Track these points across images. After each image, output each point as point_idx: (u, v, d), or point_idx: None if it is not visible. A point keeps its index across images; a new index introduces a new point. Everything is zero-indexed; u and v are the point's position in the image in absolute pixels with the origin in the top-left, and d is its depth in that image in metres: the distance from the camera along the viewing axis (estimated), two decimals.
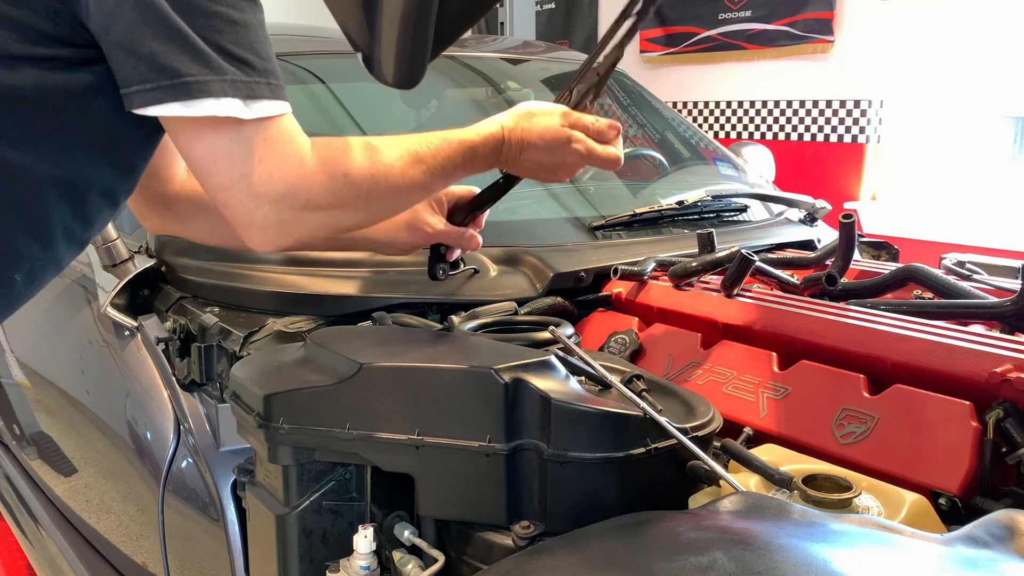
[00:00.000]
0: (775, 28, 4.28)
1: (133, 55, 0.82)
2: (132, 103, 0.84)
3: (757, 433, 1.01)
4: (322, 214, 0.94)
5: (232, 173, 0.87)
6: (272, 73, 0.88)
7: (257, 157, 0.87)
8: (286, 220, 0.91)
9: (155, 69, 0.82)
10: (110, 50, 0.83)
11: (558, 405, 0.85)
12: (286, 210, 0.90)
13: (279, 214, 0.90)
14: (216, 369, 1.31)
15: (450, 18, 1.00)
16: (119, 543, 1.64)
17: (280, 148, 0.89)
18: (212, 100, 0.83)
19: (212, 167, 0.88)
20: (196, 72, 0.82)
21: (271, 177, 0.88)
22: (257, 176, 0.88)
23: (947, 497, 0.85)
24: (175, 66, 0.82)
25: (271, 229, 0.91)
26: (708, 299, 1.29)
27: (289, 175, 0.90)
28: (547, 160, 1.15)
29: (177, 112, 0.83)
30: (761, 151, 2.54)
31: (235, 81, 0.84)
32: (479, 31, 5.56)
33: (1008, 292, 1.25)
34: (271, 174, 0.88)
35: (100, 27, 0.83)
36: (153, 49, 0.81)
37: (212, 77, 0.83)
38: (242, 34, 0.86)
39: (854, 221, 1.28)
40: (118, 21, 0.81)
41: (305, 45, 2.00)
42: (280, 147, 0.89)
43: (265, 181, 0.88)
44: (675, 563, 0.59)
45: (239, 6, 0.86)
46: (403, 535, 0.96)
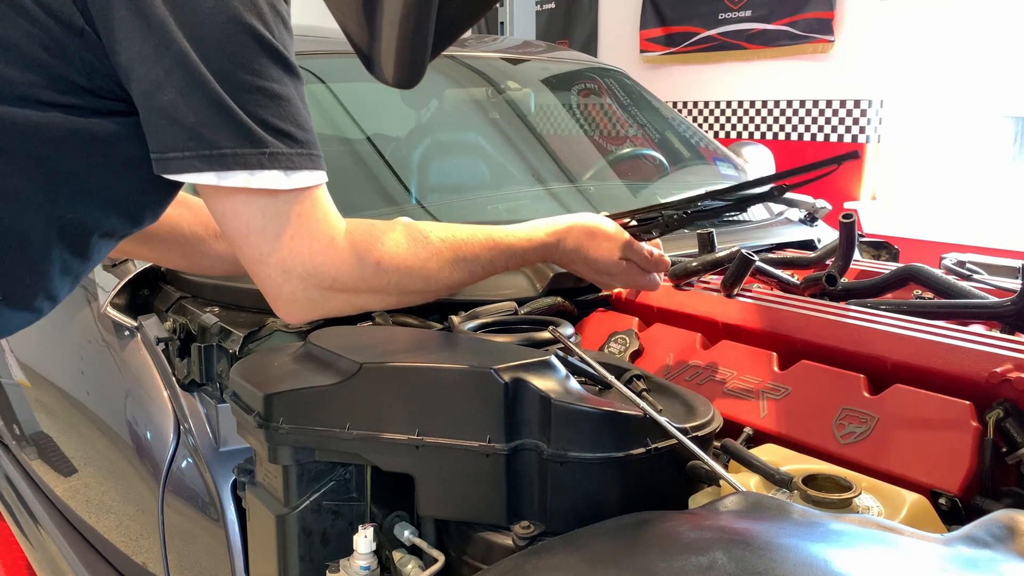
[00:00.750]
0: (775, 28, 4.29)
1: (175, 123, 0.83)
2: (167, 168, 0.86)
3: (757, 433, 1.01)
4: (349, 295, 0.95)
5: (263, 247, 0.89)
6: (313, 144, 0.90)
7: (289, 234, 0.89)
8: (312, 298, 0.93)
9: (195, 138, 0.83)
10: (151, 115, 0.85)
11: (558, 405, 0.85)
12: (312, 288, 0.92)
13: (305, 291, 0.92)
14: (216, 369, 1.31)
15: (450, 18, 1.00)
16: (119, 543, 1.64)
17: (312, 226, 0.91)
18: (246, 173, 0.85)
19: (244, 240, 0.90)
20: (235, 145, 0.84)
21: (300, 255, 0.90)
22: (287, 253, 0.90)
23: (947, 497, 0.85)
24: (215, 138, 0.84)
25: (297, 305, 0.93)
26: (708, 299, 1.29)
27: (317, 254, 0.91)
28: (590, 273, 1.23)
29: (211, 181, 0.85)
30: (761, 151, 2.54)
31: (275, 153, 0.86)
32: (479, 31, 5.56)
33: (1008, 292, 1.25)
34: (300, 252, 0.90)
35: (143, 92, 0.84)
36: (196, 120, 0.83)
37: (250, 150, 0.85)
38: (285, 108, 0.88)
39: (854, 221, 1.28)
40: (165, 90, 0.83)
41: (305, 45, 2.00)
42: (312, 224, 0.91)
43: (294, 258, 0.90)
44: (675, 563, 0.59)
45: (282, 80, 0.88)
46: (403, 535, 0.96)
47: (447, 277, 1.05)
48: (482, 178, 2.01)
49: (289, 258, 0.90)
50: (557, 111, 2.38)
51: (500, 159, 2.08)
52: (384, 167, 1.88)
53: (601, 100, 2.45)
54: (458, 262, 1.06)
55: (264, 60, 0.87)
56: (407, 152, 2.07)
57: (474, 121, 2.21)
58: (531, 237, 1.15)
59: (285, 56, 0.89)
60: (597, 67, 2.54)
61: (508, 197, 1.89)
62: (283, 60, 0.88)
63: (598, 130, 2.39)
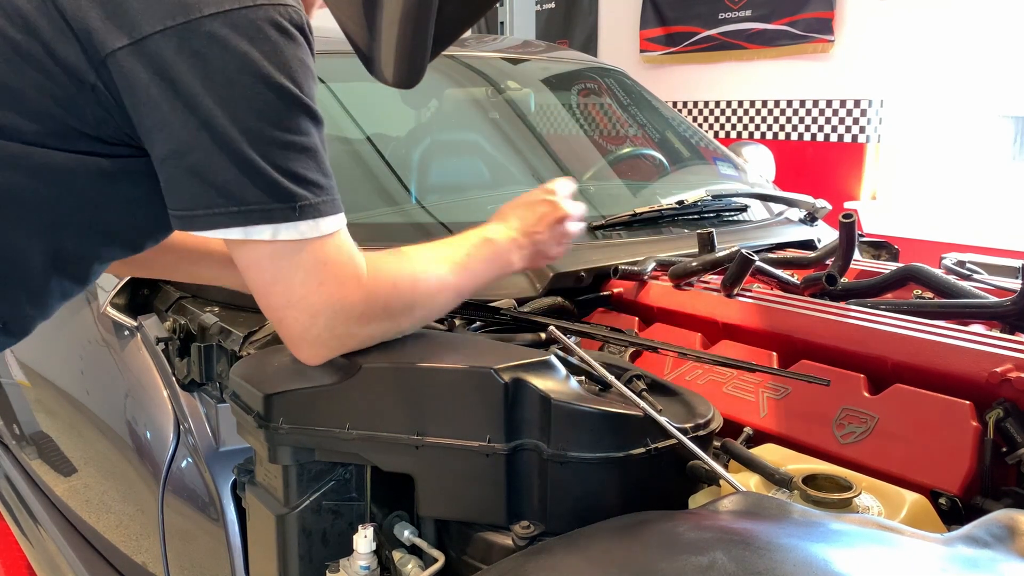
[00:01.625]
0: (775, 28, 4.29)
1: (203, 183, 0.84)
2: (193, 225, 0.87)
3: (757, 433, 1.01)
4: (373, 326, 0.96)
5: (291, 295, 0.90)
6: (334, 188, 0.91)
7: (317, 280, 0.90)
8: (340, 335, 0.93)
9: (223, 196, 0.84)
10: (176, 174, 0.86)
11: (558, 405, 0.85)
12: (340, 325, 0.92)
13: (333, 330, 0.92)
14: (216, 369, 1.31)
15: (450, 18, 1.00)
16: (119, 543, 1.64)
17: (338, 270, 0.91)
18: (273, 227, 0.86)
19: (270, 288, 0.91)
20: (263, 201, 0.85)
21: (329, 298, 0.91)
22: (316, 299, 0.90)
23: (947, 497, 0.85)
24: (243, 195, 0.84)
25: (324, 345, 0.93)
26: (708, 299, 1.29)
27: (348, 295, 0.92)
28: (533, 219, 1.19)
29: (238, 236, 0.86)
30: (761, 151, 2.54)
31: (303, 206, 0.87)
32: (479, 31, 5.56)
33: (1008, 292, 1.25)
34: (330, 295, 0.91)
35: (169, 152, 0.85)
36: (225, 179, 0.84)
37: (278, 205, 0.86)
38: (312, 158, 0.89)
39: (854, 221, 1.28)
40: (193, 151, 0.84)
41: None
42: (338, 268, 0.92)
43: (323, 302, 0.91)
44: (675, 563, 0.59)
45: (309, 132, 0.89)
46: (403, 535, 0.96)
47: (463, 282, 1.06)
48: (482, 178, 2.01)
49: (318, 303, 0.91)
50: (557, 111, 2.38)
51: (500, 159, 2.08)
52: (384, 167, 1.88)
53: (601, 100, 2.45)
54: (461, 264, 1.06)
55: (292, 115, 0.87)
56: (407, 152, 2.06)
57: (474, 121, 2.21)
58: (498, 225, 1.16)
59: (312, 108, 0.89)
60: (597, 67, 2.54)
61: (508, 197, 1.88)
62: (310, 112, 0.89)
63: (598, 130, 2.39)
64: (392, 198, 1.79)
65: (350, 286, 0.92)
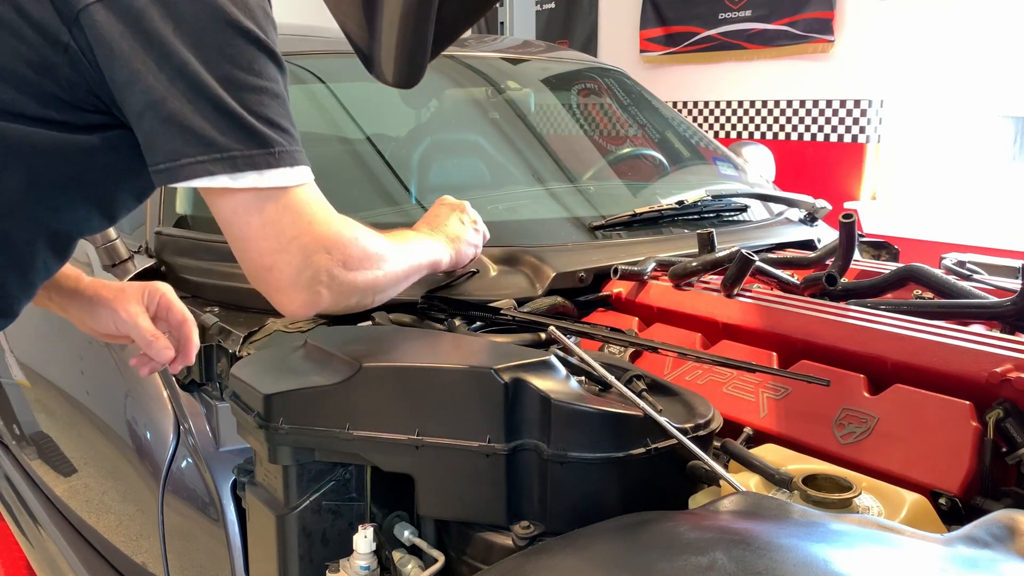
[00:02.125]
0: (775, 28, 4.29)
1: (184, 131, 0.85)
2: (178, 175, 0.86)
3: (757, 433, 1.01)
4: (358, 273, 1.00)
5: (282, 237, 0.92)
6: (299, 141, 0.93)
7: (307, 220, 0.93)
8: (332, 279, 0.96)
9: (205, 143, 0.85)
10: (155, 126, 0.86)
11: (558, 405, 0.85)
12: (335, 266, 0.96)
13: (328, 271, 0.95)
14: (216, 369, 1.31)
15: (450, 18, 1.01)
16: (119, 543, 1.64)
17: (325, 212, 0.95)
18: (256, 173, 0.87)
19: (260, 234, 0.91)
20: (245, 147, 0.86)
21: (322, 237, 0.94)
22: (309, 239, 0.93)
23: (947, 497, 0.85)
24: (225, 141, 0.85)
25: (317, 290, 0.96)
26: (708, 299, 1.29)
27: (336, 235, 0.96)
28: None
29: (225, 184, 0.87)
30: (761, 151, 2.54)
31: (281, 152, 0.89)
32: (479, 31, 5.56)
33: (1008, 292, 1.25)
34: (322, 234, 0.94)
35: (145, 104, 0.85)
36: (205, 125, 0.85)
37: (259, 151, 0.87)
38: (283, 105, 0.90)
39: (854, 221, 1.28)
40: (169, 100, 0.84)
41: (305, 45, 2.00)
42: (325, 210, 0.96)
43: (317, 242, 0.94)
44: (675, 563, 0.59)
45: (277, 79, 0.90)
46: (403, 535, 0.96)
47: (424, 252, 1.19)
48: (482, 178, 2.01)
49: (311, 242, 0.93)
50: (557, 111, 2.38)
51: (500, 159, 2.08)
52: (384, 167, 1.88)
53: (601, 100, 2.45)
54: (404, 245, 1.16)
55: (262, 60, 0.88)
56: (407, 152, 2.06)
57: (474, 121, 2.21)
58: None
59: (276, 53, 0.90)
60: (597, 67, 2.54)
61: (508, 197, 1.88)
62: (276, 58, 0.90)
63: (598, 130, 2.39)
64: (392, 198, 1.79)
65: (337, 226, 0.96)
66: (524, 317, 1.24)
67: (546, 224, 1.68)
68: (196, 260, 1.47)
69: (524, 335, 1.21)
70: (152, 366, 1.17)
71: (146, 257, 1.54)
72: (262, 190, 0.89)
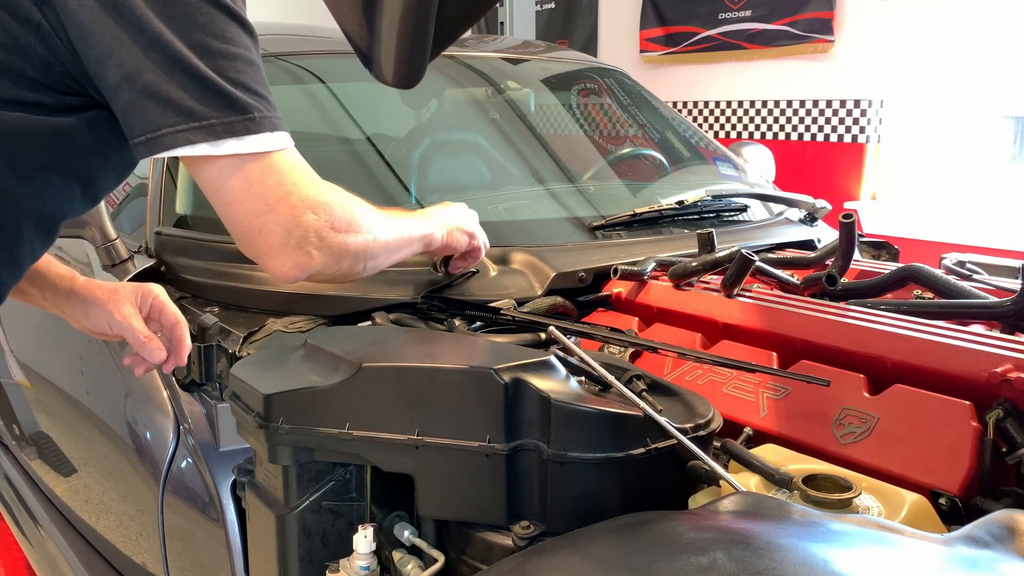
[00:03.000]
0: (775, 28, 4.28)
1: (161, 101, 0.85)
2: (158, 146, 0.87)
3: (757, 433, 1.01)
4: (345, 236, 1.00)
5: (269, 198, 0.92)
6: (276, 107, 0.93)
7: (292, 180, 0.93)
8: (321, 240, 0.96)
9: (183, 112, 0.85)
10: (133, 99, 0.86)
11: (558, 405, 0.85)
12: (323, 227, 0.96)
13: (317, 231, 0.95)
14: (216, 369, 1.31)
15: (450, 18, 1.01)
16: (119, 543, 1.64)
17: (307, 173, 0.96)
18: (236, 140, 0.87)
19: (246, 197, 0.91)
20: (223, 114, 0.86)
21: (308, 196, 0.94)
22: (296, 199, 0.93)
23: (947, 497, 0.85)
24: (203, 109, 0.86)
25: (306, 251, 0.95)
26: (708, 299, 1.29)
27: (321, 196, 0.96)
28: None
29: (206, 152, 0.87)
30: (761, 151, 2.54)
31: (259, 118, 0.89)
32: (479, 31, 5.56)
33: (1008, 292, 1.25)
34: (308, 194, 0.94)
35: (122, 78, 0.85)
36: (183, 94, 0.85)
37: (237, 117, 0.87)
38: (258, 72, 0.91)
39: (854, 221, 1.28)
40: (144, 71, 0.84)
41: (305, 45, 2.00)
42: (307, 172, 0.96)
43: (304, 202, 0.94)
44: (675, 563, 0.59)
45: (250, 47, 0.91)
46: (403, 535, 0.96)
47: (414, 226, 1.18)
48: (482, 178, 2.01)
49: (298, 202, 0.93)
50: (557, 111, 2.38)
51: (500, 159, 2.08)
52: (384, 167, 1.88)
53: (601, 100, 2.45)
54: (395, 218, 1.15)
55: (233, 27, 0.89)
56: (407, 152, 2.06)
57: (474, 121, 2.21)
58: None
59: (247, 21, 0.91)
60: (597, 67, 2.54)
61: (508, 197, 1.88)
62: (247, 25, 0.91)
63: (598, 130, 2.39)
64: (392, 198, 1.79)
65: (323, 188, 0.96)
66: (524, 317, 1.24)
67: (546, 224, 1.68)
68: (196, 260, 1.47)
69: (524, 335, 1.21)
70: (146, 366, 1.18)
71: (146, 257, 1.54)
72: (244, 155, 0.89)
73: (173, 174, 1.65)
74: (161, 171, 1.65)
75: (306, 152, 0.98)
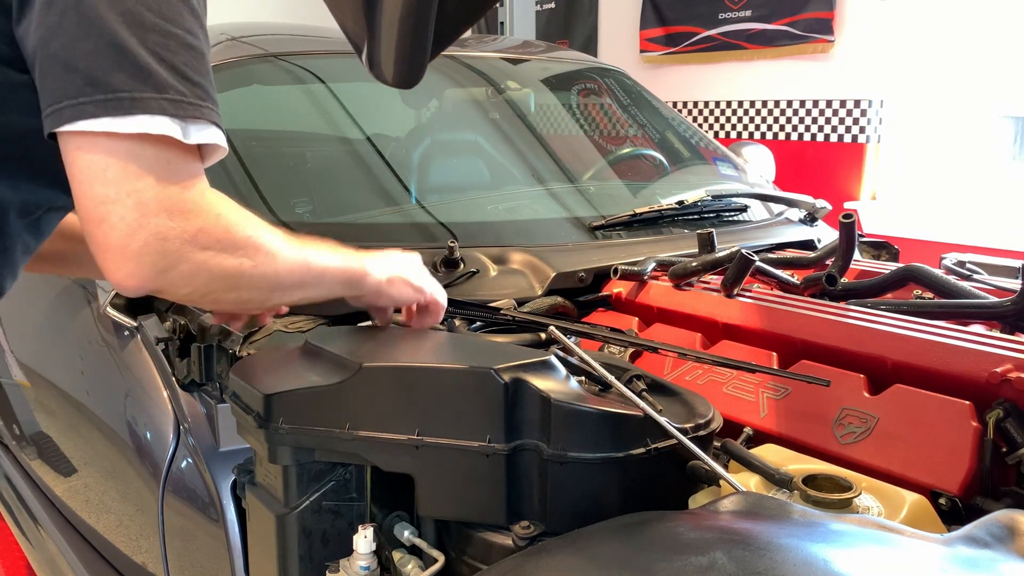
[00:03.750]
0: (775, 28, 4.28)
1: (68, 70, 0.77)
2: (60, 119, 0.78)
3: (757, 433, 1.01)
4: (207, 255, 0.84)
5: (122, 186, 0.79)
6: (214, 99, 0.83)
7: (156, 176, 0.80)
8: (169, 251, 0.81)
9: (90, 83, 0.77)
10: (44, 66, 0.79)
11: (558, 405, 0.85)
12: (173, 238, 0.81)
13: (164, 242, 0.80)
14: (216, 369, 1.30)
15: (450, 18, 1.00)
16: (119, 543, 1.64)
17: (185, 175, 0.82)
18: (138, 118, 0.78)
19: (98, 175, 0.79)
20: (132, 88, 0.77)
21: (168, 200, 0.80)
22: (150, 195, 0.79)
23: (947, 497, 0.85)
24: (111, 80, 0.77)
25: (149, 260, 0.80)
26: (708, 299, 1.29)
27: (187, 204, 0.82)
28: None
29: (107, 127, 0.77)
30: (761, 151, 2.54)
31: (177, 100, 0.79)
32: (479, 31, 5.56)
33: (1008, 292, 1.25)
34: (168, 197, 0.80)
35: (37, 41, 0.79)
36: (90, 63, 0.77)
37: (150, 94, 0.78)
38: (199, 59, 0.82)
39: (854, 221, 1.28)
40: (57, 35, 0.77)
41: (305, 45, 2.00)
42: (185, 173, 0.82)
43: (159, 202, 0.79)
44: (675, 563, 0.59)
45: (196, 33, 0.83)
46: (403, 535, 0.96)
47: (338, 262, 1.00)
48: (482, 178, 2.01)
49: (151, 200, 0.79)
50: (557, 111, 2.38)
51: (500, 159, 2.08)
52: (384, 167, 1.88)
53: (601, 100, 2.45)
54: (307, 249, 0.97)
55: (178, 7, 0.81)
56: (407, 152, 2.07)
57: (474, 121, 2.21)
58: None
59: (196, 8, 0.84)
60: (597, 67, 2.54)
61: (508, 197, 1.89)
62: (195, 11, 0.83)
63: (598, 130, 2.39)
64: (392, 198, 1.79)
65: (193, 197, 0.82)
66: (524, 317, 1.24)
67: (546, 224, 1.68)
68: None
69: (524, 335, 1.21)
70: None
71: None
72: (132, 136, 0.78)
73: None
74: None
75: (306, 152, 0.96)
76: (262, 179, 1.65)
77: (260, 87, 1.93)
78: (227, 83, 1.84)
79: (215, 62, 1.81)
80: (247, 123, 1.89)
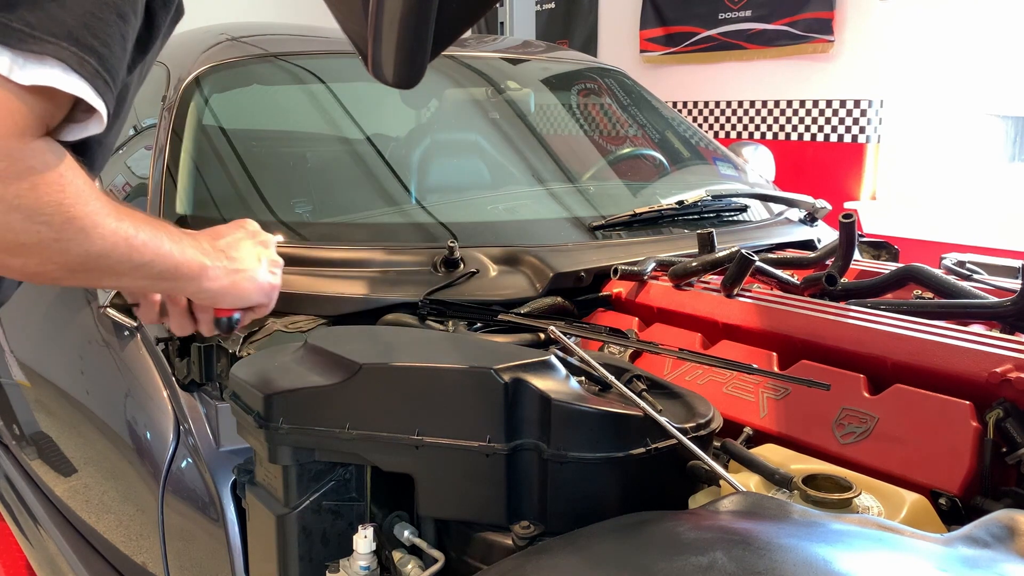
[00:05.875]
0: (775, 28, 4.29)
1: None
2: None
3: (757, 433, 1.01)
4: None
5: None
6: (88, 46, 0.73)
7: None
8: None
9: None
10: None
11: (558, 405, 0.85)
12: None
13: None
14: (216, 369, 1.30)
15: (450, 18, 1.00)
16: (119, 543, 1.64)
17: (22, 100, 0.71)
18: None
19: None
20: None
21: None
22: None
23: (947, 497, 0.85)
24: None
25: None
26: (708, 299, 1.29)
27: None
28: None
29: None
30: (761, 151, 2.54)
31: (14, 28, 0.70)
32: (479, 31, 5.56)
33: (1008, 292, 1.25)
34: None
35: None
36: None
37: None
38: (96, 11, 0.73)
39: (854, 221, 1.28)
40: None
41: (305, 45, 2.00)
42: (23, 113, 0.72)
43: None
44: (675, 563, 0.59)
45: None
46: (403, 535, 0.96)
47: (173, 248, 0.89)
48: (482, 178, 2.01)
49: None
50: (557, 111, 2.38)
51: (500, 159, 2.08)
52: (384, 167, 1.88)
53: (601, 100, 2.45)
54: (123, 216, 0.84)
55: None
56: (407, 152, 2.07)
57: (474, 121, 2.21)
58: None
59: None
60: (597, 67, 2.55)
61: (508, 197, 1.89)
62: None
63: (598, 130, 2.39)
64: (392, 198, 1.79)
65: (5, 127, 0.71)
66: (523, 319, 1.24)
67: (546, 224, 1.68)
68: None
69: (524, 335, 1.21)
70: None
71: None
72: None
73: (173, 174, 1.65)
74: (161, 171, 1.65)
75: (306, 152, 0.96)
76: (262, 179, 1.65)
77: (260, 87, 1.93)
78: (227, 83, 1.84)
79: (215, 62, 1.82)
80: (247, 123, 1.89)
